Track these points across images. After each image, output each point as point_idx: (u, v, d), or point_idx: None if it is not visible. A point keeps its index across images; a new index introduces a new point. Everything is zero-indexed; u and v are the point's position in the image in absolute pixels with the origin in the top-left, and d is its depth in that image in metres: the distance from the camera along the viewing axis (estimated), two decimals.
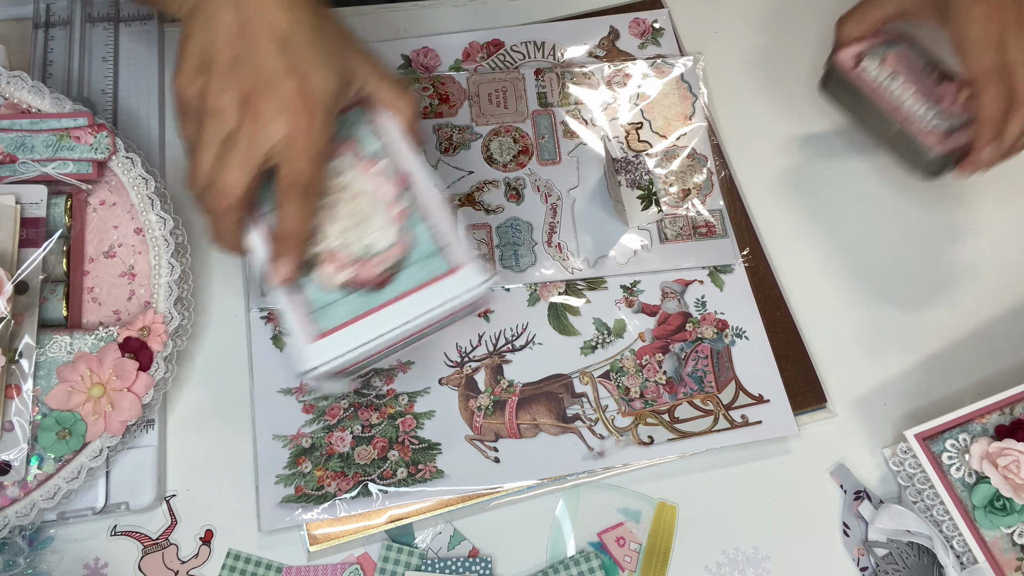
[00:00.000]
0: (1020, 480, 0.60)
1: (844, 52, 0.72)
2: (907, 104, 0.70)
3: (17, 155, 0.65)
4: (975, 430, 0.63)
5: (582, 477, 0.65)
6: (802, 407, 0.68)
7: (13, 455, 0.59)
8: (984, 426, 0.63)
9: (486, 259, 0.71)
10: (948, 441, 0.62)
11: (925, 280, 0.74)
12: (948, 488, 0.61)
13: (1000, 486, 0.60)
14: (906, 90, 0.70)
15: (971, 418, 0.63)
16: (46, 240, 0.63)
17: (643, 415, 0.67)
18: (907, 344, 0.71)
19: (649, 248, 0.72)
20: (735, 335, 0.70)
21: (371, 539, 0.63)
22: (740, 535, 0.65)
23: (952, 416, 0.63)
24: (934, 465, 0.61)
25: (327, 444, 0.65)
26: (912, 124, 0.70)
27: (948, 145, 0.68)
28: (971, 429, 0.63)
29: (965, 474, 0.61)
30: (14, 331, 0.61)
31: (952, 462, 0.62)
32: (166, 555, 0.63)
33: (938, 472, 0.61)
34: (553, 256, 0.71)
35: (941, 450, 0.62)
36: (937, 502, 0.62)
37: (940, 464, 0.62)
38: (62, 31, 0.75)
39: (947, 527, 0.61)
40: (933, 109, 0.70)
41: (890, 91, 0.71)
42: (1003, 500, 0.60)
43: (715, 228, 0.73)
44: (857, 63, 0.72)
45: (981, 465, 0.61)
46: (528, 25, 0.81)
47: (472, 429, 0.66)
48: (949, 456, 0.62)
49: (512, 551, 0.64)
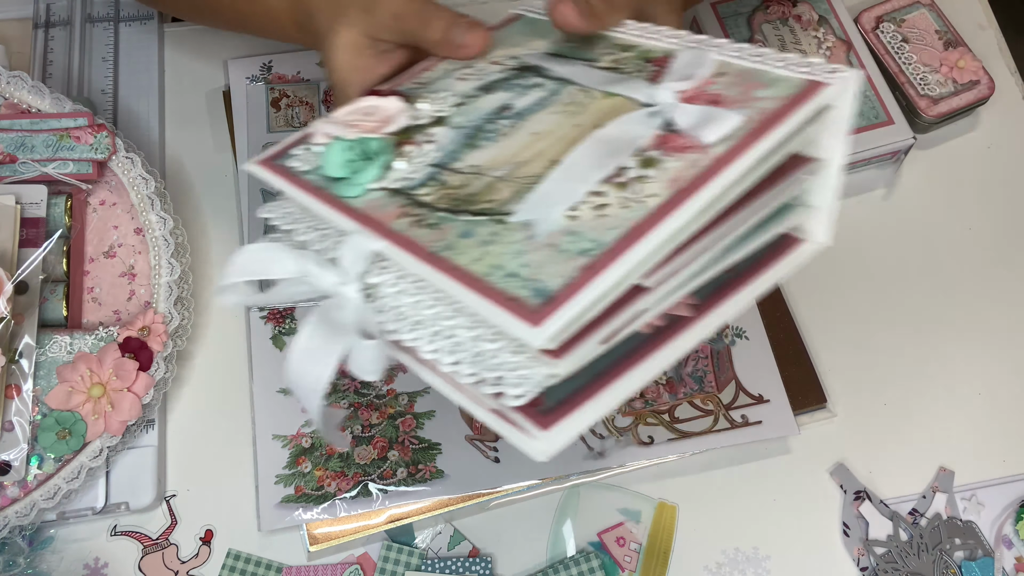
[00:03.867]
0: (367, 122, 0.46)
1: (867, 13, 0.78)
2: (908, 69, 0.75)
3: (17, 155, 0.65)
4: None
5: (582, 477, 0.65)
6: (802, 407, 0.68)
7: (13, 455, 0.59)
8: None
9: None
10: (294, 151, 0.48)
11: (925, 279, 0.74)
12: (301, 187, 0.45)
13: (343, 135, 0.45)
14: (911, 56, 0.75)
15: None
16: (46, 240, 0.63)
17: (643, 415, 0.67)
18: (908, 344, 0.71)
19: None
20: (735, 335, 0.70)
21: (371, 539, 0.63)
22: (740, 535, 0.65)
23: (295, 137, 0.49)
24: (283, 175, 0.46)
25: (327, 444, 0.65)
26: (909, 89, 0.75)
27: (937, 110, 0.75)
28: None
29: (304, 163, 0.47)
30: (14, 331, 0.61)
31: (298, 164, 0.47)
32: (166, 555, 0.63)
33: (289, 179, 0.46)
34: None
35: (285, 159, 0.48)
36: (301, 214, 0.47)
37: (289, 171, 0.47)
38: (62, 31, 0.75)
39: (321, 235, 0.44)
40: (932, 76, 0.75)
41: (897, 56, 0.76)
42: (355, 149, 0.44)
43: None
44: (877, 25, 0.77)
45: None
46: None
47: (472, 429, 0.66)
48: (291, 158, 0.47)
49: (512, 551, 0.64)
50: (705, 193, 0.35)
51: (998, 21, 0.83)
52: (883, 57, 0.76)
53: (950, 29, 0.77)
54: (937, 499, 0.66)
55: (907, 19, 0.78)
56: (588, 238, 0.35)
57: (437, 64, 0.50)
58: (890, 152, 0.74)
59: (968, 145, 0.79)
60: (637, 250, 0.34)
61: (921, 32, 0.77)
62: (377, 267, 0.40)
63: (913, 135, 0.73)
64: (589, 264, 0.34)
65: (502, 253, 0.36)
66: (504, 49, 0.49)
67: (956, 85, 0.75)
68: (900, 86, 0.75)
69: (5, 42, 0.75)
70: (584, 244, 0.35)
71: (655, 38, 0.45)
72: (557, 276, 0.34)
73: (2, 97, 0.67)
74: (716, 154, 0.36)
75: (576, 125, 0.41)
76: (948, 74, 0.76)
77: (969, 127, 0.79)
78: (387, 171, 0.43)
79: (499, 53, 0.49)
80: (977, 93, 0.75)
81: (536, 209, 0.37)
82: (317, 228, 0.43)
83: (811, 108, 0.39)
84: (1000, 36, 0.83)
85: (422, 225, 0.39)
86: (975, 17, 0.83)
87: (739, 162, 0.36)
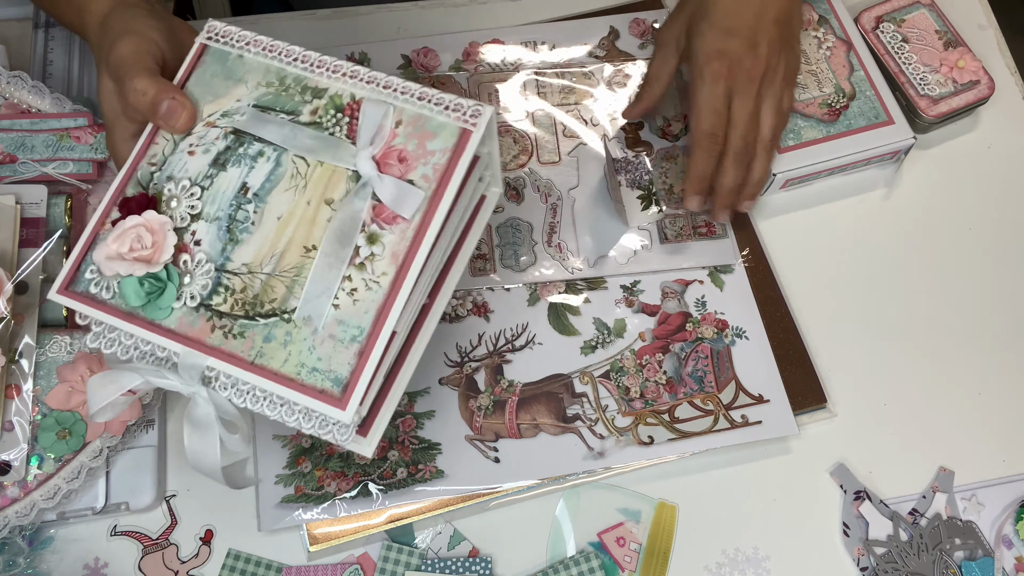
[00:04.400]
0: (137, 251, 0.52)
1: (867, 13, 0.78)
2: (908, 69, 0.75)
3: (17, 155, 0.65)
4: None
5: (582, 477, 0.65)
6: (802, 407, 0.68)
7: (13, 455, 0.59)
8: None
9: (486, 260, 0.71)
10: (86, 273, 0.53)
11: (925, 279, 0.74)
12: (114, 314, 0.51)
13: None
14: (911, 56, 0.75)
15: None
16: (46, 240, 0.63)
17: (643, 415, 0.67)
18: (907, 343, 0.71)
19: (649, 248, 0.72)
20: (735, 335, 0.70)
21: (371, 539, 0.63)
22: (740, 535, 0.65)
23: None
24: (91, 304, 0.52)
25: (327, 444, 0.65)
26: (909, 89, 0.75)
27: (937, 110, 0.75)
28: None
29: (102, 289, 0.52)
30: (14, 331, 0.61)
31: (96, 290, 0.53)
32: (166, 555, 0.63)
33: (99, 307, 0.52)
34: (553, 256, 0.71)
35: (81, 284, 0.53)
36: (123, 337, 0.53)
37: (95, 299, 0.52)
38: (62, 31, 0.75)
39: (141, 347, 0.51)
40: (932, 76, 0.75)
41: (897, 56, 0.76)
42: (147, 281, 0.51)
43: (715, 228, 0.73)
44: (877, 25, 0.77)
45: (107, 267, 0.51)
46: (528, 25, 0.81)
47: (472, 429, 0.66)
48: (88, 284, 0.53)
49: (512, 551, 0.64)
50: (419, 259, 0.49)
51: (998, 21, 0.83)
52: (883, 57, 0.76)
53: (950, 29, 0.77)
54: (937, 499, 0.66)
55: (907, 19, 0.78)
56: (353, 325, 0.49)
57: (158, 135, 0.55)
58: (890, 152, 0.74)
59: (968, 145, 0.79)
60: (388, 324, 0.48)
61: (921, 32, 0.77)
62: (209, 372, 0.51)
63: (913, 135, 0.73)
64: (361, 350, 0.48)
65: (300, 351, 0.49)
66: (212, 103, 0.55)
67: (956, 85, 0.75)
68: (900, 86, 0.75)
69: (5, 42, 0.75)
70: (352, 331, 0.49)
71: (335, 77, 0.54)
72: (345, 365, 0.48)
73: (2, 97, 0.67)
74: (415, 224, 0.50)
75: (307, 202, 0.52)
76: (948, 74, 0.76)
77: (969, 127, 0.79)
78: (181, 288, 0.52)
79: (208, 109, 0.55)
80: (977, 93, 0.75)
81: (308, 306, 0.49)
82: (138, 348, 0.52)
83: (468, 156, 0.50)
84: (1000, 36, 0.83)
85: (232, 335, 0.50)
86: (975, 17, 0.83)
87: (432, 225, 0.50)
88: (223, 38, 0.56)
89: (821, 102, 0.74)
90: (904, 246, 0.75)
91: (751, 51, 0.66)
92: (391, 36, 0.80)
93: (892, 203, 0.76)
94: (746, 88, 0.67)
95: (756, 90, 0.67)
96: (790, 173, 0.72)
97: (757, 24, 0.67)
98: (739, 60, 0.66)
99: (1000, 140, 0.79)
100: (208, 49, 0.56)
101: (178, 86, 0.56)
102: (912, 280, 0.74)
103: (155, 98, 0.54)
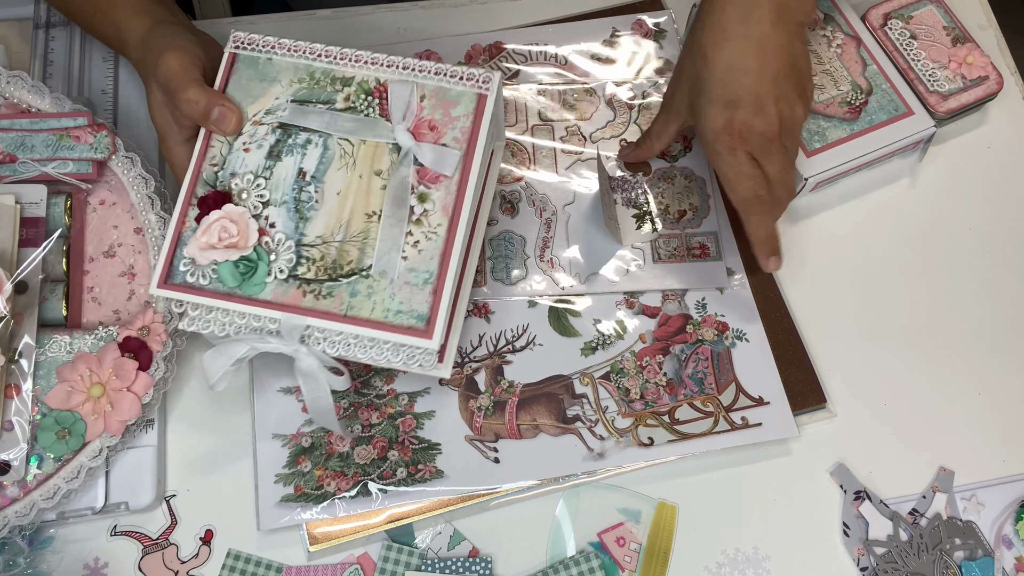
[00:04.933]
0: (229, 239, 0.58)
1: (875, 11, 0.78)
2: (917, 66, 0.75)
3: (17, 155, 0.65)
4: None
5: (582, 477, 0.65)
6: (802, 407, 0.68)
7: (13, 455, 0.59)
8: None
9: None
10: (179, 266, 0.59)
11: (926, 279, 0.74)
12: (217, 297, 0.58)
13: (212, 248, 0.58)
14: (920, 52, 0.75)
15: None
16: (46, 240, 0.63)
17: (643, 416, 0.67)
18: (907, 344, 0.71)
19: (642, 267, 0.71)
20: (735, 337, 0.70)
21: (371, 539, 0.63)
22: (740, 535, 0.65)
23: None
24: (194, 293, 0.59)
25: (327, 443, 0.65)
26: (918, 86, 0.75)
27: (947, 106, 0.74)
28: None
29: (199, 277, 0.58)
30: (14, 331, 0.61)
31: (194, 279, 0.59)
32: (166, 555, 0.63)
33: (201, 294, 0.58)
34: (544, 271, 0.71)
35: (178, 276, 0.59)
36: (219, 316, 0.59)
37: (195, 287, 0.58)
38: (62, 31, 0.75)
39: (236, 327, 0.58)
40: (940, 72, 0.75)
41: (905, 53, 0.76)
42: (241, 263, 0.58)
43: (709, 250, 0.73)
44: (885, 21, 0.77)
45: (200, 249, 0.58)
46: (530, 27, 0.81)
47: (472, 429, 0.66)
48: (184, 275, 0.59)
49: (512, 551, 0.64)
50: (466, 209, 0.58)
51: (998, 21, 0.83)
52: (892, 54, 0.76)
53: (958, 25, 0.77)
54: (937, 499, 0.66)
55: (915, 15, 0.78)
56: (423, 270, 0.58)
57: (212, 139, 0.61)
58: (913, 143, 0.74)
59: (969, 145, 0.79)
60: (452, 264, 0.58)
61: (929, 28, 0.77)
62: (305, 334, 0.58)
63: (934, 123, 0.73)
64: (434, 289, 0.57)
65: (383, 300, 0.57)
66: (253, 104, 0.62)
67: (965, 81, 0.75)
68: (910, 83, 0.75)
69: (5, 42, 0.75)
70: (423, 275, 0.57)
71: (358, 65, 0.62)
72: (424, 303, 0.57)
73: (2, 97, 0.67)
74: (456, 179, 0.59)
75: (359, 176, 0.60)
76: (957, 70, 0.75)
77: (973, 125, 0.79)
78: (270, 264, 0.59)
79: (252, 110, 0.62)
80: (986, 88, 0.75)
81: (382, 262, 0.58)
82: (234, 323, 0.59)
83: (488, 116, 0.60)
84: (1000, 36, 0.83)
85: (322, 296, 0.58)
86: (975, 17, 0.83)
87: (471, 177, 0.59)
88: (249, 45, 0.63)
89: (840, 101, 0.74)
90: (904, 246, 0.75)
91: (759, 115, 0.62)
92: (391, 37, 0.80)
93: (892, 203, 0.76)
94: (766, 148, 0.63)
95: (778, 146, 0.63)
96: (821, 176, 0.72)
97: (758, 87, 0.62)
98: (749, 128, 0.62)
99: (1001, 140, 0.79)
100: (238, 57, 0.63)
101: (222, 93, 0.61)
102: (912, 280, 0.74)
103: (207, 106, 0.60)
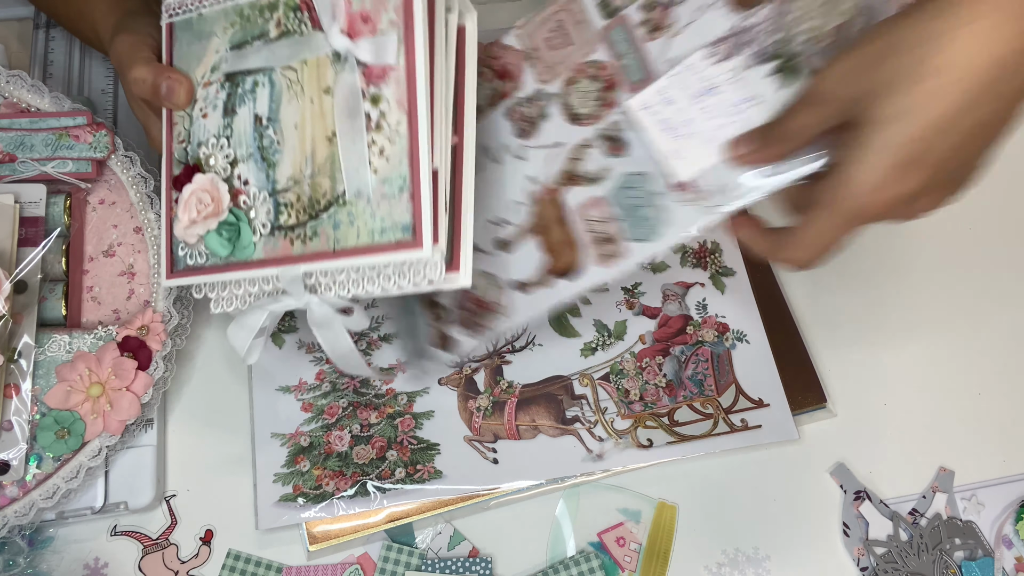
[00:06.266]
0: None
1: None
2: None
3: (16, 154, 0.64)
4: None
5: (581, 477, 0.65)
6: (802, 407, 0.68)
7: (12, 454, 0.59)
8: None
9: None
10: (178, 252, 0.59)
11: (925, 279, 0.74)
12: (216, 271, 0.57)
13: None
14: None
15: None
16: (45, 239, 0.63)
17: (642, 418, 0.67)
18: (907, 343, 0.71)
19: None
20: (736, 339, 0.70)
21: (371, 539, 0.63)
22: (740, 535, 0.65)
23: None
24: (196, 274, 0.58)
25: (326, 443, 0.65)
26: None
27: None
28: None
29: (196, 257, 0.58)
30: (13, 330, 0.61)
31: (193, 260, 0.58)
32: (166, 555, 0.62)
33: (202, 274, 0.58)
34: (686, 201, 0.57)
35: (180, 263, 0.59)
36: (233, 289, 0.58)
37: (196, 268, 0.58)
38: (62, 31, 0.75)
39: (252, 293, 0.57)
40: None
41: None
42: (223, 229, 0.56)
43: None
44: None
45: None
46: None
47: (471, 430, 0.66)
48: (184, 260, 0.59)
49: (512, 551, 0.64)
50: (421, 94, 0.51)
51: None
52: None
53: None
54: (937, 499, 0.66)
55: None
56: (395, 177, 0.51)
57: (173, 116, 0.59)
58: None
59: None
60: (423, 161, 0.50)
61: None
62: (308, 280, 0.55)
63: None
64: (411, 193, 0.51)
65: (365, 222, 0.52)
66: (199, 66, 0.59)
67: None
68: None
69: (5, 42, 0.75)
70: (397, 183, 0.51)
71: None
72: (404, 212, 0.51)
73: (1, 96, 0.67)
74: (402, 65, 0.51)
75: (311, 100, 0.55)
76: None
77: None
78: (252, 223, 0.56)
79: (200, 72, 0.59)
80: None
81: (352, 183, 0.53)
82: (250, 292, 0.57)
83: None
84: None
85: (308, 239, 0.54)
86: None
87: (418, 56, 0.50)
88: (180, 9, 0.60)
89: None
90: (904, 246, 0.75)
91: (924, 199, 0.49)
92: None
93: None
94: (894, 217, 0.50)
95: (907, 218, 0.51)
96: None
97: (951, 159, 0.47)
98: (908, 202, 0.48)
99: None
100: (175, 24, 0.60)
101: (168, 66, 0.59)
102: (912, 280, 0.74)
103: (154, 82, 0.57)
